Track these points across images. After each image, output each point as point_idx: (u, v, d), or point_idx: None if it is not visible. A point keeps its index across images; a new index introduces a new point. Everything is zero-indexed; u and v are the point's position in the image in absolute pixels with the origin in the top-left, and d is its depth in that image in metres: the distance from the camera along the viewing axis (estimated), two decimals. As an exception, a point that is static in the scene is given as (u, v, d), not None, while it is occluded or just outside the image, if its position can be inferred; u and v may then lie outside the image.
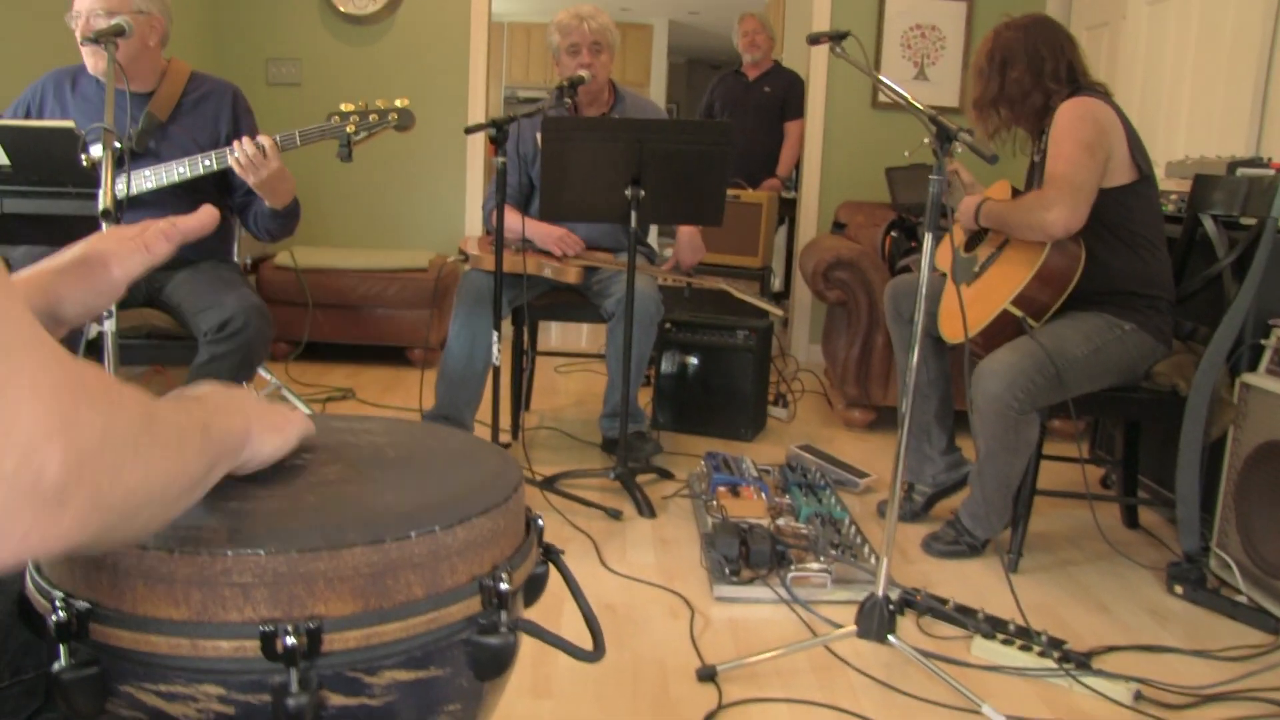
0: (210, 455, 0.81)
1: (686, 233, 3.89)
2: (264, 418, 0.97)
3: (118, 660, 0.84)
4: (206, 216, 1.15)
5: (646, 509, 3.28)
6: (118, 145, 2.31)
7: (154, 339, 3.04)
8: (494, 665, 0.92)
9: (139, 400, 0.69)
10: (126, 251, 1.09)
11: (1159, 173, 3.40)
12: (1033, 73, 2.92)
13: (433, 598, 0.87)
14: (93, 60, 2.90)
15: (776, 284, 6.51)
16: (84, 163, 2.39)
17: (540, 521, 1.06)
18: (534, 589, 1.04)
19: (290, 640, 0.80)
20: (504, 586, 0.90)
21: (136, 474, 0.67)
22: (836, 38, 2.50)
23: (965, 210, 2.98)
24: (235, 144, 2.78)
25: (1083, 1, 5.31)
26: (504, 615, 0.91)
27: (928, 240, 2.17)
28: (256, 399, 1.01)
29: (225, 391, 0.96)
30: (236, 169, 2.79)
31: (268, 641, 0.81)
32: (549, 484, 3.40)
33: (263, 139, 2.78)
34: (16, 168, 2.37)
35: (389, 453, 1.07)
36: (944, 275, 3.15)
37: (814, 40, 2.62)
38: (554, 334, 6.60)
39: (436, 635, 0.88)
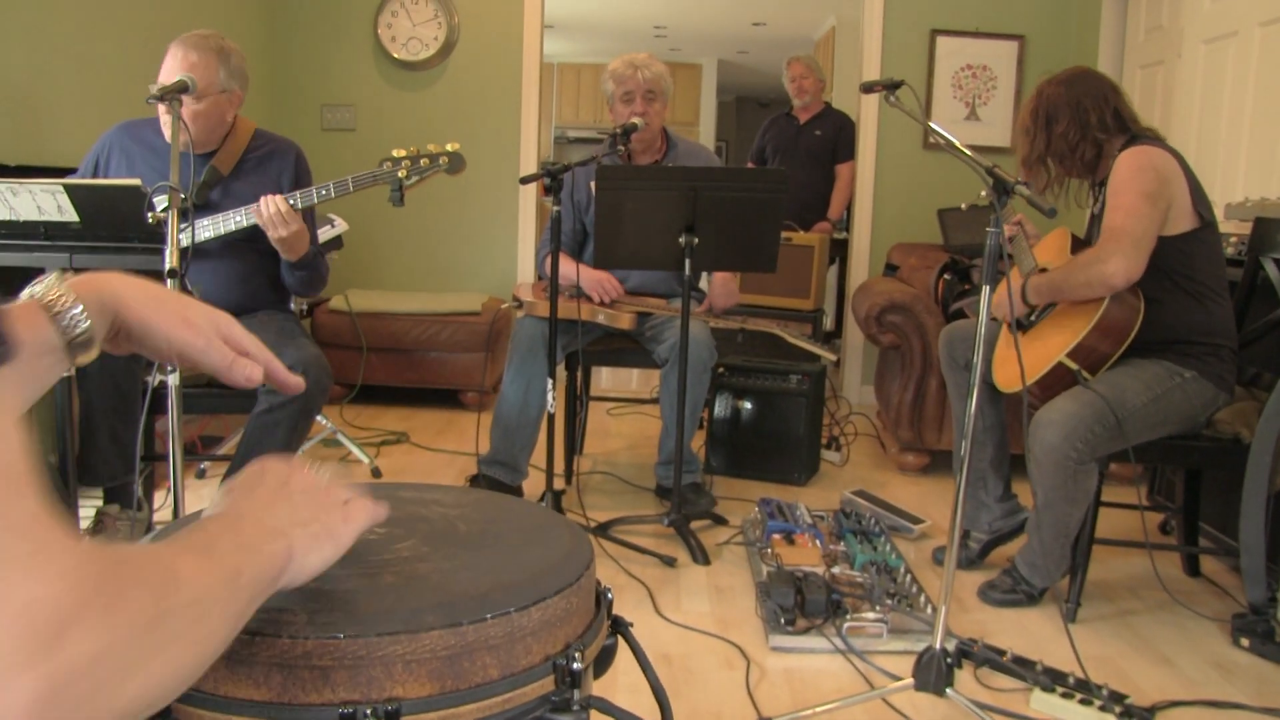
0: (241, 604, 0.76)
1: (721, 277, 3.91)
2: (310, 525, 0.88)
3: (199, 739, 0.85)
4: (295, 384, 1.06)
5: (701, 556, 3.28)
6: (182, 200, 2.35)
7: (215, 388, 3.09)
8: (566, 743, 0.92)
9: (153, 587, 0.63)
10: (211, 345, 0.99)
11: (1218, 215, 3.36)
12: (1078, 125, 2.91)
13: (508, 679, 0.88)
14: (168, 127, 2.97)
15: (828, 323, 6.50)
16: (149, 219, 2.44)
17: (610, 595, 1.06)
18: (603, 662, 1.05)
19: (370, 723, 0.81)
20: (576, 666, 0.91)
21: (136, 683, 0.61)
22: (891, 87, 2.50)
23: (1005, 298, 2.90)
24: (262, 199, 2.84)
25: (1136, 40, 5.28)
26: (576, 693, 0.92)
27: (985, 291, 2.16)
28: (310, 490, 0.92)
29: (267, 496, 0.88)
30: (259, 219, 2.86)
31: (347, 724, 0.82)
32: (603, 530, 3.40)
33: (281, 204, 2.83)
34: (85, 224, 2.42)
35: (461, 527, 1.08)
36: (997, 322, 3.14)
37: (868, 89, 2.62)
38: (605, 377, 6.61)
39: (511, 715, 0.89)
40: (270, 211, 2.83)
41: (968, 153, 2.22)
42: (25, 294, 0.93)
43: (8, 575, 0.52)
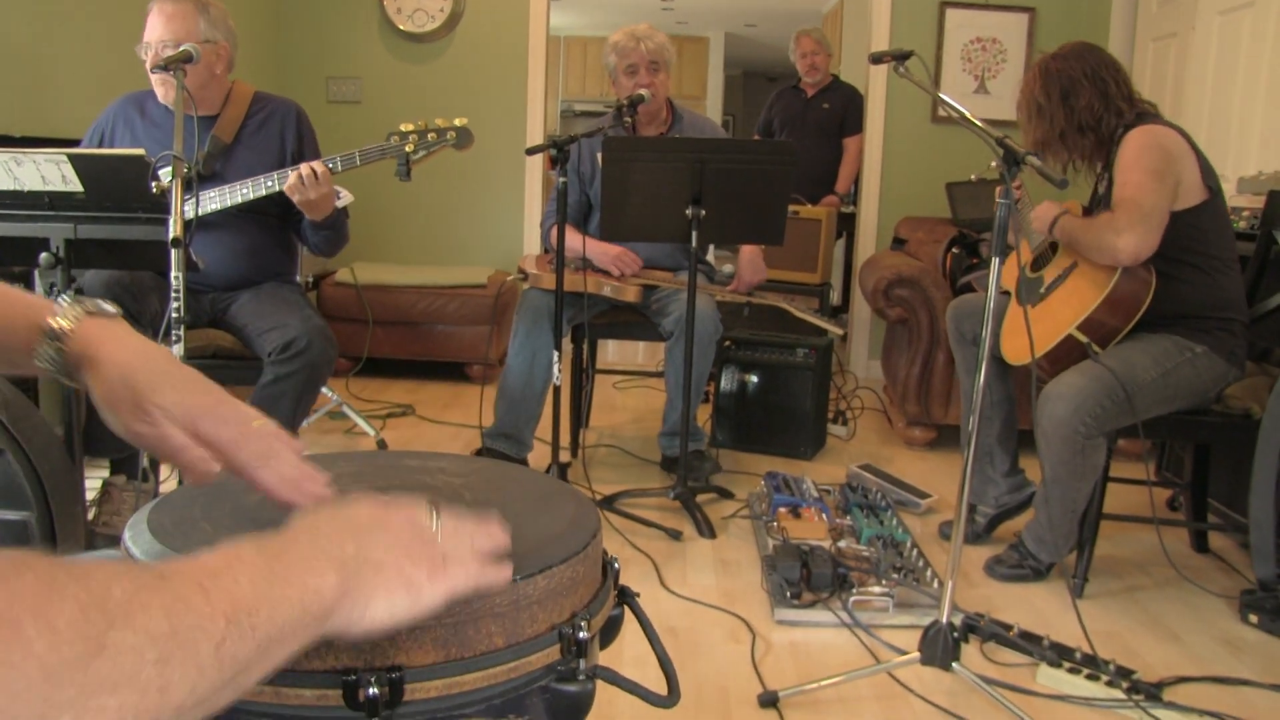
0: (247, 651, 0.62)
1: (749, 253, 3.89)
2: (385, 568, 0.76)
3: (201, 705, 0.84)
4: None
5: (706, 529, 3.27)
6: (186, 170, 2.34)
7: (219, 359, 3.08)
8: (572, 712, 0.92)
9: (90, 615, 0.52)
10: (162, 438, 0.94)
11: (1230, 188, 3.33)
12: (1101, 97, 2.87)
13: (513, 647, 0.87)
14: (162, 89, 2.95)
15: (835, 297, 6.47)
16: (154, 189, 2.42)
17: (616, 564, 1.05)
18: (609, 632, 1.04)
19: (373, 690, 0.80)
20: (583, 635, 0.90)
21: None
22: (900, 58, 2.47)
23: (1042, 217, 2.92)
24: (304, 166, 2.82)
25: (1149, 12, 5.23)
26: (582, 663, 0.91)
27: (994, 264, 2.14)
28: (405, 530, 0.80)
29: (345, 525, 0.77)
30: (287, 188, 2.84)
31: (350, 691, 0.81)
32: (609, 503, 3.40)
33: (317, 165, 2.81)
34: (89, 194, 2.40)
35: (466, 495, 1.07)
36: (1007, 294, 3.12)
37: (877, 60, 2.59)
38: (611, 350, 6.61)
39: (516, 684, 0.88)
40: (306, 173, 2.81)
41: (978, 123, 2.19)
42: (61, 298, 0.98)
43: None
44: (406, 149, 2.86)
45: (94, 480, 2.97)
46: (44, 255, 2.34)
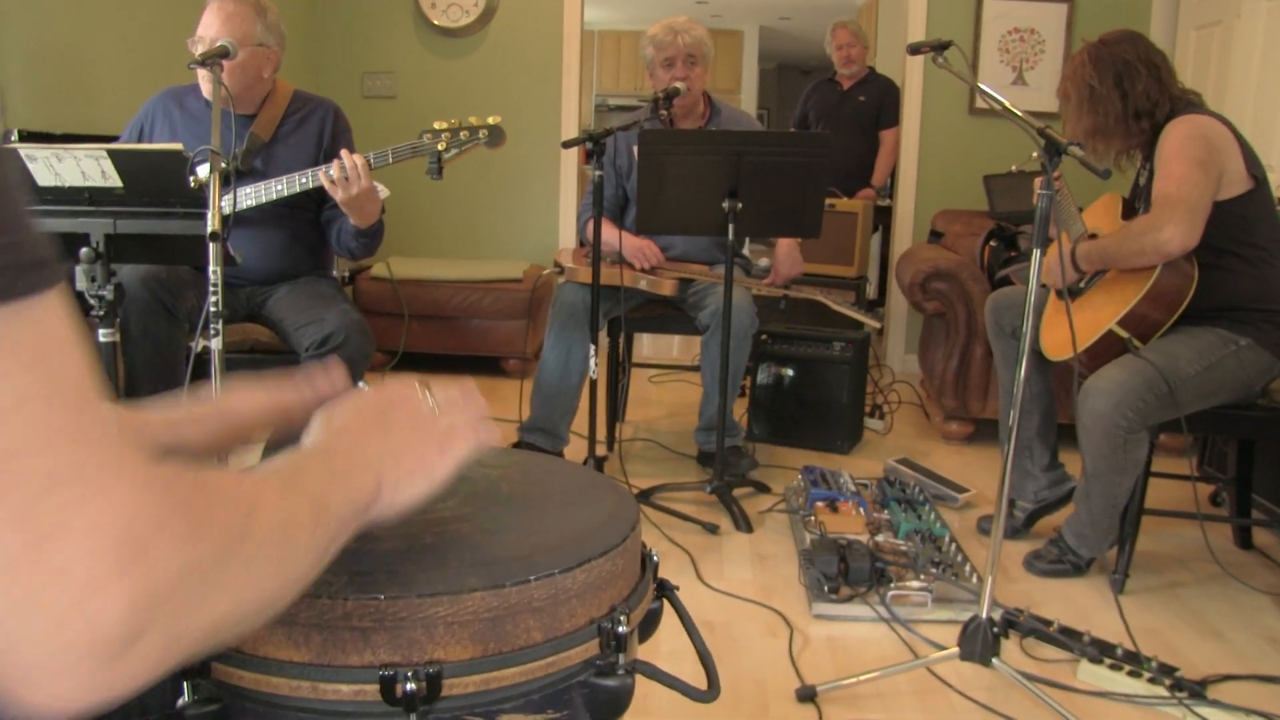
0: (325, 539, 0.72)
1: (786, 246, 3.86)
2: (404, 459, 0.85)
3: (239, 700, 0.85)
4: (338, 380, 1.07)
5: (743, 523, 3.26)
6: (223, 166, 2.36)
7: (256, 353, 3.10)
8: (611, 707, 0.91)
9: (235, 508, 0.61)
10: (263, 411, 1.05)
11: (1276, 178, 3.28)
12: (1157, 81, 2.82)
13: (551, 642, 0.87)
14: (208, 85, 2.97)
15: (871, 291, 6.43)
16: (191, 184, 2.44)
17: (655, 557, 1.04)
18: (648, 626, 1.03)
19: (410, 685, 0.80)
20: (622, 629, 0.89)
21: (223, 603, 0.58)
22: (939, 48, 2.45)
23: (1056, 264, 2.83)
24: (336, 160, 2.82)
25: (1191, 0, 5.16)
26: (621, 657, 0.90)
27: (1035, 256, 2.12)
28: (409, 421, 0.89)
29: (362, 428, 0.86)
30: (327, 185, 2.84)
31: (387, 686, 0.81)
32: (645, 497, 3.39)
33: (356, 157, 2.81)
34: (128, 189, 2.42)
35: (504, 487, 1.07)
36: (1047, 288, 3.08)
37: (915, 50, 2.56)
38: (646, 344, 6.59)
39: (555, 679, 0.88)
40: (348, 164, 2.80)
41: (1018, 113, 2.17)
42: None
43: (80, 490, 0.50)
44: (439, 147, 2.86)
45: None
46: (84, 250, 2.36)
